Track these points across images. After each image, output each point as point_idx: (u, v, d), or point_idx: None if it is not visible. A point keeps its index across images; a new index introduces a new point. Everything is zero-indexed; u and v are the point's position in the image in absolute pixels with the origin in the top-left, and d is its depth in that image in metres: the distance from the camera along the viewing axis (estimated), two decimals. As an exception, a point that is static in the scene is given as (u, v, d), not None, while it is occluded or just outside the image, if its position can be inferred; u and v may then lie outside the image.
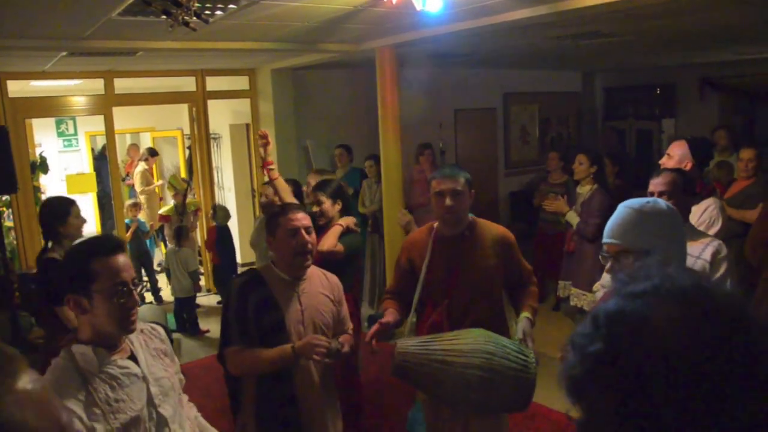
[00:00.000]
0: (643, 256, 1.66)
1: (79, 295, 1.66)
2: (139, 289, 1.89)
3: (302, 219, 2.46)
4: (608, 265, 1.80)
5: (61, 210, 3.35)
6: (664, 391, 0.62)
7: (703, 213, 3.08)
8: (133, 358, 1.77)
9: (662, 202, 1.79)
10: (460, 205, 2.63)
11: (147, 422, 1.72)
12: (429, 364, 2.24)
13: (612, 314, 0.68)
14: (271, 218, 2.52)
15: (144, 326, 1.92)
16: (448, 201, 2.60)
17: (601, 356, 0.66)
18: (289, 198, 3.47)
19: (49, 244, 3.36)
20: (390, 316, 2.63)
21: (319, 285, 2.55)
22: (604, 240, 1.81)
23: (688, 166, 3.13)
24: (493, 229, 2.74)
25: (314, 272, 2.57)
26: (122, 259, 1.72)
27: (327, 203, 3.53)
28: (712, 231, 2.98)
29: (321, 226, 3.45)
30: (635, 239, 1.72)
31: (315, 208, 3.53)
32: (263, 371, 2.39)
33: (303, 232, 2.43)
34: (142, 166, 8.40)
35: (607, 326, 0.67)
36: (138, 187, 8.31)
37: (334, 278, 2.64)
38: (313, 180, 4.12)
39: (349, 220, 3.56)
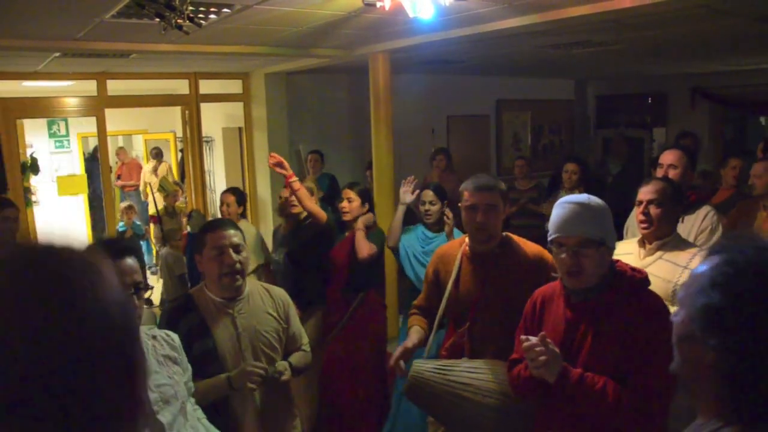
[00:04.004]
0: (598, 245, 1.83)
1: None
2: (148, 294, 1.90)
3: (231, 236, 2.26)
4: (564, 256, 1.86)
5: None
6: None
7: (704, 220, 3.04)
8: None
9: (597, 198, 1.94)
10: (493, 221, 2.37)
11: (143, 428, 1.72)
12: (442, 395, 2.15)
13: (756, 262, 0.89)
14: (199, 235, 2.36)
15: (159, 332, 1.93)
16: (479, 217, 2.35)
17: (744, 290, 0.87)
18: (312, 206, 3.51)
19: None
20: (414, 337, 2.45)
21: (261, 303, 2.37)
22: (560, 234, 1.89)
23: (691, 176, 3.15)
24: (528, 248, 2.45)
25: (255, 289, 2.40)
26: (128, 262, 1.73)
27: (356, 202, 3.53)
28: (715, 237, 2.96)
29: (344, 222, 3.58)
30: (594, 230, 1.85)
31: (342, 204, 3.55)
32: (201, 403, 2.19)
33: (230, 250, 2.24)
34: (166, 164, 8.64)
35: (755, 269, 0.88)
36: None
37: (279, 292, 2.47)
38: (285, 193, 4.08)
39: (367, 219, 3.59)
